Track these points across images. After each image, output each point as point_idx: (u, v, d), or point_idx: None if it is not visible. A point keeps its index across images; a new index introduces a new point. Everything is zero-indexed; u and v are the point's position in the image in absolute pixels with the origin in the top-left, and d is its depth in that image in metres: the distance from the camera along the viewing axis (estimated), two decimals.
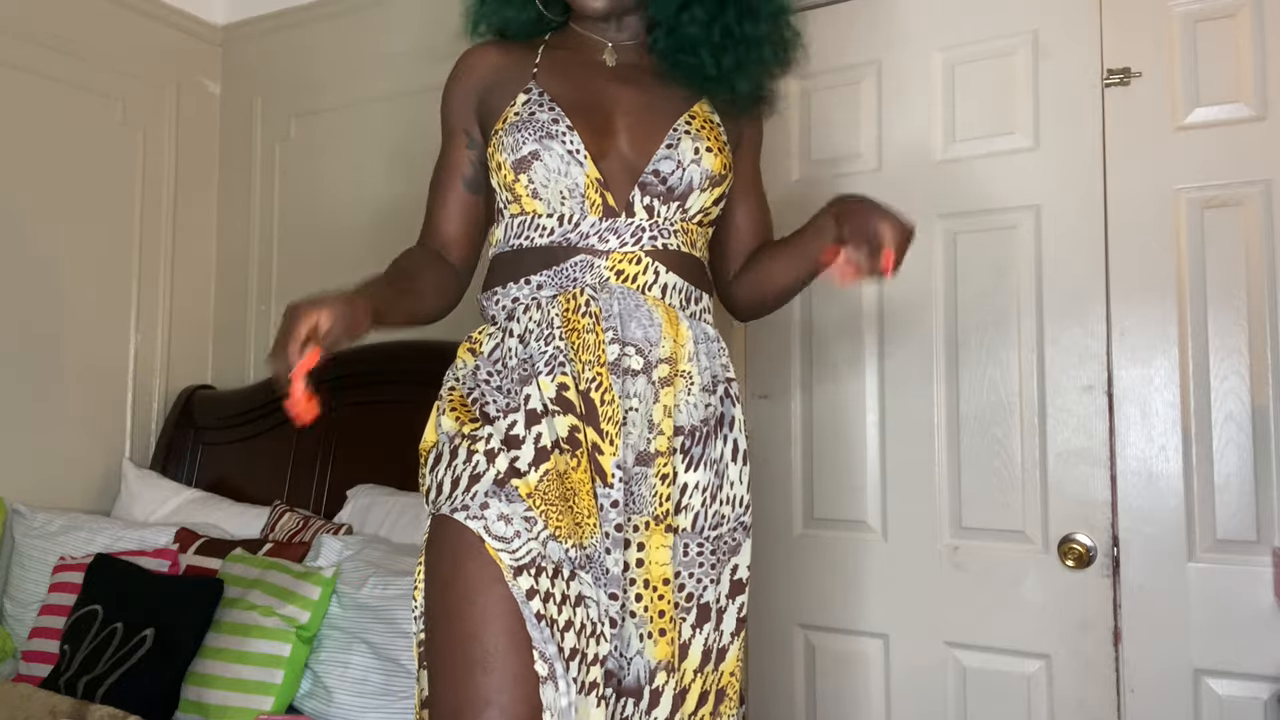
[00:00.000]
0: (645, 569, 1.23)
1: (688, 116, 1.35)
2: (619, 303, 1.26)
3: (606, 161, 1.30)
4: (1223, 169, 1.76)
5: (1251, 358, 1.73)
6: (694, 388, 1.29)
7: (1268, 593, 1.67)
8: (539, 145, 1.28)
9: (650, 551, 1.23)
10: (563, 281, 1.28)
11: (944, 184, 1.99)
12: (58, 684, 1.95)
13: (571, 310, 1.26)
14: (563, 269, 1.28)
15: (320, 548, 2.05)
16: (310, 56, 2.83)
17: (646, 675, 1.21)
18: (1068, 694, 1.82)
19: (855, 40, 2.09)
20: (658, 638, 1.22)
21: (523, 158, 1.29)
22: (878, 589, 2.01)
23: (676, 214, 1.32)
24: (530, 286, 1.30)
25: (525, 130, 1.29)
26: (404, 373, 2.36)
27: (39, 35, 2.56)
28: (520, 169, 1.29)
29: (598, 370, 1.24)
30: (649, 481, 1.24)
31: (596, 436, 1.22)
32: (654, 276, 1.29)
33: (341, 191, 2.74)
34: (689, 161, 1.31)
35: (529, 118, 1.30)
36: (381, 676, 1.84)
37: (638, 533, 1.23)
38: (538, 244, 1.30)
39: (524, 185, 1.30)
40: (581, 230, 1.28)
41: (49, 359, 2.56)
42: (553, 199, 1.29)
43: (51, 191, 2.58)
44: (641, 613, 1.22)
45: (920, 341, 2.00)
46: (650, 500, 1.24)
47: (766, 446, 2.16)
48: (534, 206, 1.31)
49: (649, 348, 1.26)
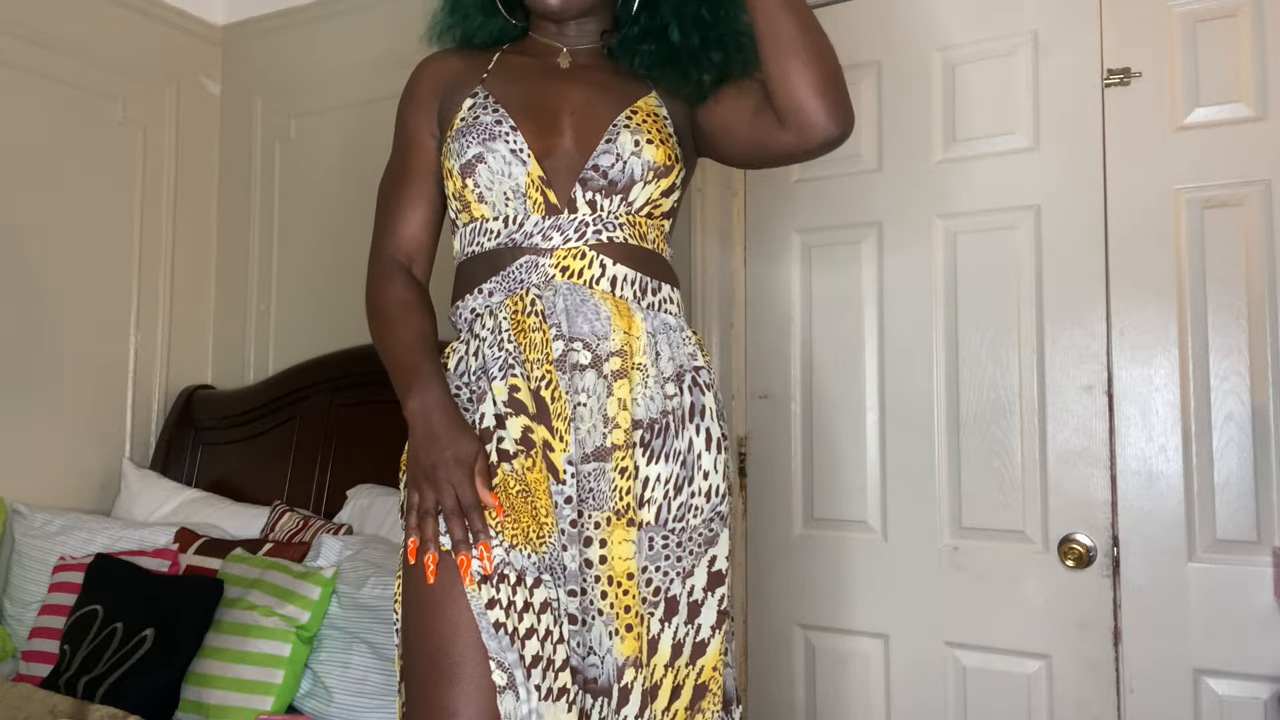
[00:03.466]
0: (608, 565, 1.22)
1: (629, 111, 1.33)
2: (564, 299, 1.26)
3: (551, 159, 1.30)
4: (1222, 169, 1.76)
5: (1251, 358, 1.73)
6: (650, 380, 1.28)
7: (1268, 593, 1.67)
8: (482, 148, 1.29)
9: (613, 547, 1.22)
10: (510, 285, 1.29)
11: (944, 184, 1.99)
12: (58, 684, 1.94)
13: (519, 311, 1.27)
14: (509, 272, 1.29)
15: (320, 548, 2.05)
16: (310, 56, 2.83)
17: (613, 674, 1.21)
18: (1068, 694, 1.82)
19: (855, 40, 2.09)
20: (624, 634, 1.21)
21: (467, 162, 1.29)
22: (878, 589, 2.01)
23: (620, 207, 1.31)
24: (483, 295, 1.30)
25: (470, 135, 1.30)
26: None
27: (39, 35, 2.56)
28: (466, 173, 1.30)
29: (546, 368, 1.24)
30: (606, 476, 1.23)
31: (548, 434, 1.23)
32: (600, 270, 1.28)
33: (341, 191, 2.74)
34: (629, 154, 1.30)
35: (474, 122, 1.31)
36: (381, 676, 1.85)
37: (598, 529, 1.22)
38: (486, 249, 1.31)
39: (471, 190, 1.30)
40: (525, 230, 1.29)
41: (49, 359, 2.56)
42: (497, 201, 1.30)
43: (51, 191, 2.58)
44: (608, 610, 1.21)
45: (920, 341, 2.00)
46: (610, 495, 1.23)
47: (766, 446, 2.16)
48: (481, 211, 1.31)
49: (597, 341, 1.25)
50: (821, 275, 2.12)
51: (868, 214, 2.07)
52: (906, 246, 2.02)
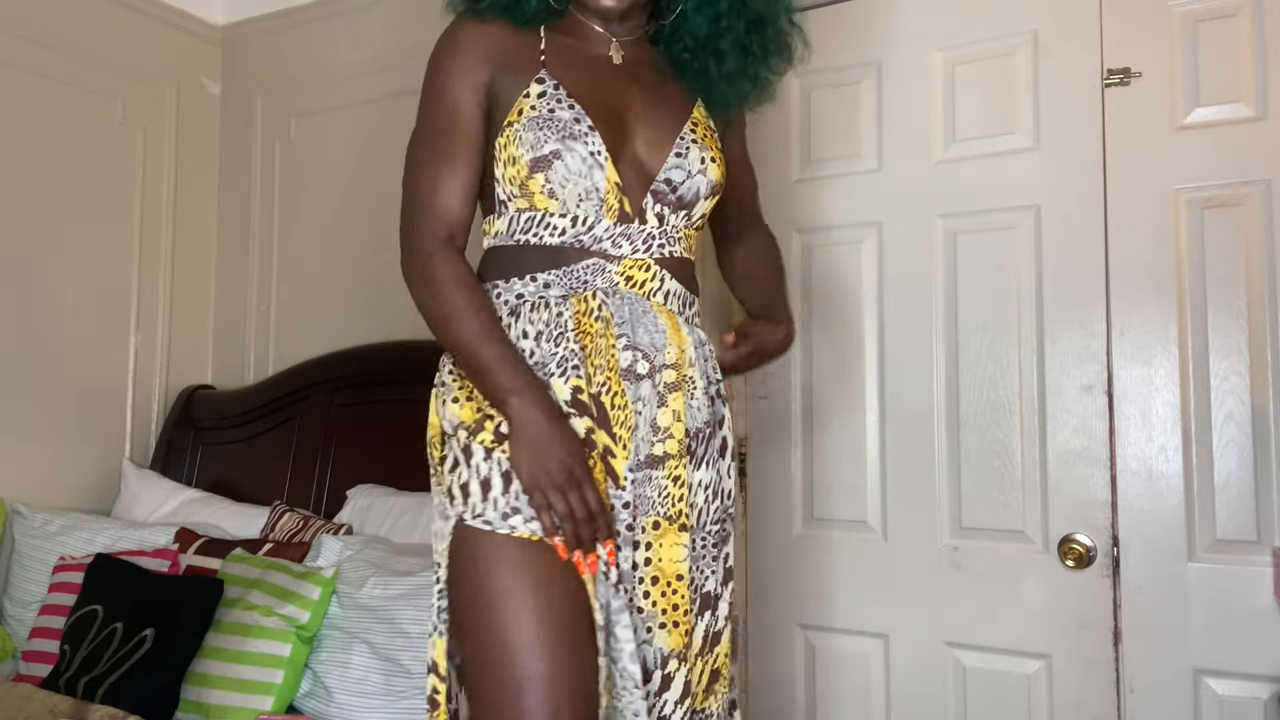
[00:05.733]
0: (654, 567, 1.25)
1: (691, 123, 1.36)
2: (629, 308, 1.27)
3: (623, 165, 1.29)
4: (1223, 169, 1.76)
5: (1251, 358, 1.73)
6: (697, 392, 1.32)
7: (1268, 593, 1.67)
8: (561, 145, 1.25)
9: (663, 550, 1.26)
10: (572, 283, 1.27)
11: (944, 184, 1.99)
12: (58, 684, 1.94)
13: (583, 313, 1.26)
14: (572, 270, 1.27)
15: (320, 548, 2.05)
16: (310, 56, 2.83)
17: (658, 660, 1.25)
18: (1068, 694, 1.82)
19: (855, 40, 2.09)
20: (671, 629, 1.25)
21: (543, 157, 1.25)
22: (878, 589, 2.01)
23: (682, 222, 1.34)
24: (536, 284, 1.28)
25: (547, 129, 1.26)
26: (404, 373, 2.36)
27: (39, 35, 2.56)
28: (538, 168, 1.26)
29: (608, 374, 1.25)
30: (655, 483, 1.26)
31: (609, 440, 1.24)
32: (659, 284, 1.31)
33: (341, 191, 2.74)
34: (696, 171, 1.33)
35: (549, 115, 1.26)
36: (381, 676, 1.85)
37: (644, 534, 1.25)
38: (546, 242, 1.28)
39: (539, 183, 1.26)
40: (595, 234, 1.27)
41: (49, 359, 2.56)
42: (569, 200, 1.27)
43: (51, 191, 2.58)
44: (650, 608, 1.25)
45: (920, 341, 2.00)
46: (659, 501, 1.26)
47: (766, 446, 2.16)
48: (546, 205, 1.28)
49: (655, 353, 1.28)
50: (821, 275, 2.12)
51: (868, 214, 2.07)
52: (906, 246, 2.02)
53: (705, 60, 1.37)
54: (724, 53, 1.36)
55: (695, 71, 1.38)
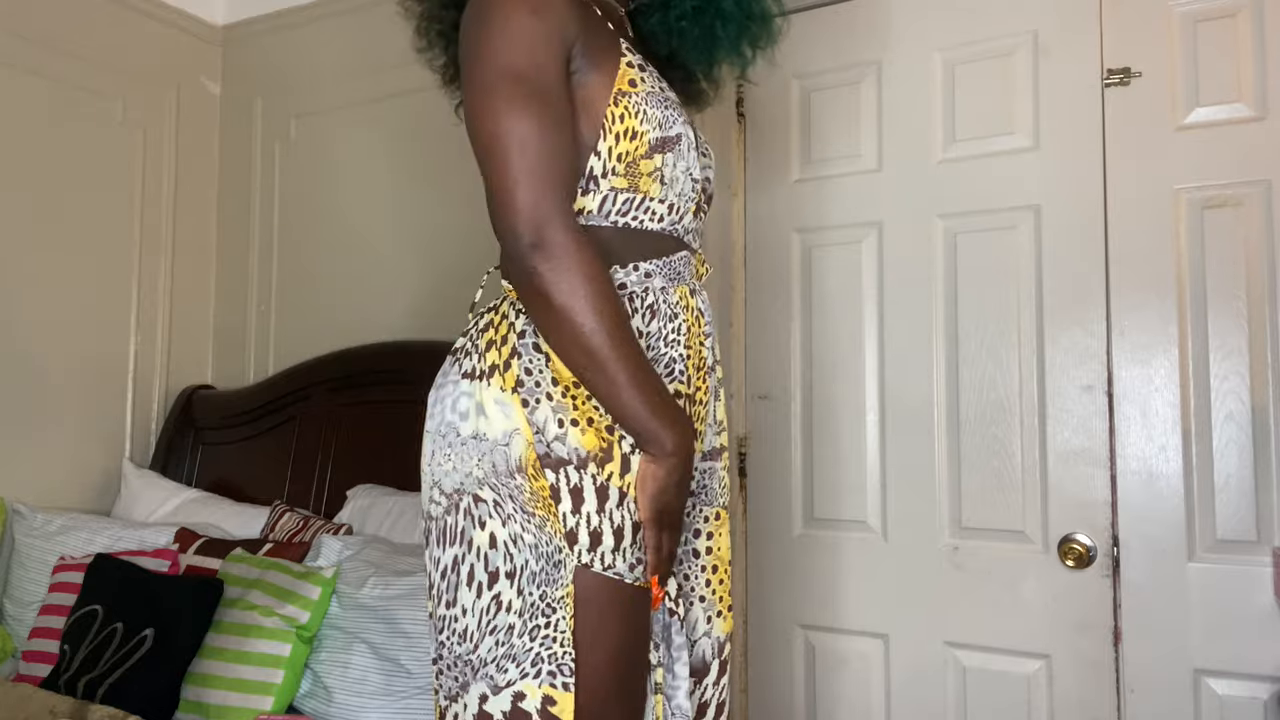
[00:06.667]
0: (714, 556, 1.28)
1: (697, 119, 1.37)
2: (703, 303, 1.26)
3: None
4: (1223, 169, 1.76)
5: (1251, 358, 1.73)
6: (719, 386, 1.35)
7: (1268, 593, 1.67)
8: (684, 129, 1.17)
9: (721, 539, 1.29)
10: (672, 275, 1.19)
11: (944, 184, 1.99)
12: (58, 684, 1.94)
13: (688, 310, 1.20)
14: (671, 262, 1.19)
15: (320, 548, 2.05)
16: (310, 56, 2.83)
17: (715, 649, 1.27)
18: (1068, 694, 1.82)
19: (855, 40, 2.09)
20: (726, 614, 1.29)
21: (670, 137, 1.15)
22: (878, 589, 2.01)
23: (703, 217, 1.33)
24: (639, 273, 1.16)
25: (672, 109, 1.16)
26: (404, 373, 2.36)
27: (39, 35, 2.56)
28: (661, 148, 1.14)
29: (701, 372, 1.25)
30: (717, 474, 1.29)
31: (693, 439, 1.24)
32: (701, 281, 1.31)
33: (341, 191, 2.74)
34: (711, 170, 1.32)
35: (663, 94, 1.17)
36: (381, 676, 1.84)
37: (707, 523, 1.28)
38: (646, 227, 1.17)
39: (654, 164, 1.15)
40: (685, 225, 1.22)
41: (49, 359, 2.56)
42: (672, 186, 1.17)
43: (52, 191, 2.58)
44: (710, 596, 1.27)
45: (920, 341, 2.00)
46: (720, 492, 1.29)
47: (766, 446, 2.16)
48: (649, 188, 1.16)
49: (714, 345, 1.29)
50: (821, 275, 2.12)
51: (868, 214, 2.07)
52: (906, 246, 2.02)
53: (710, 22, 1.33)
54: (727, 12, 1.33)
55: (696, 38, 1.34)
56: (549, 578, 1.07)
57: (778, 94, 2.18)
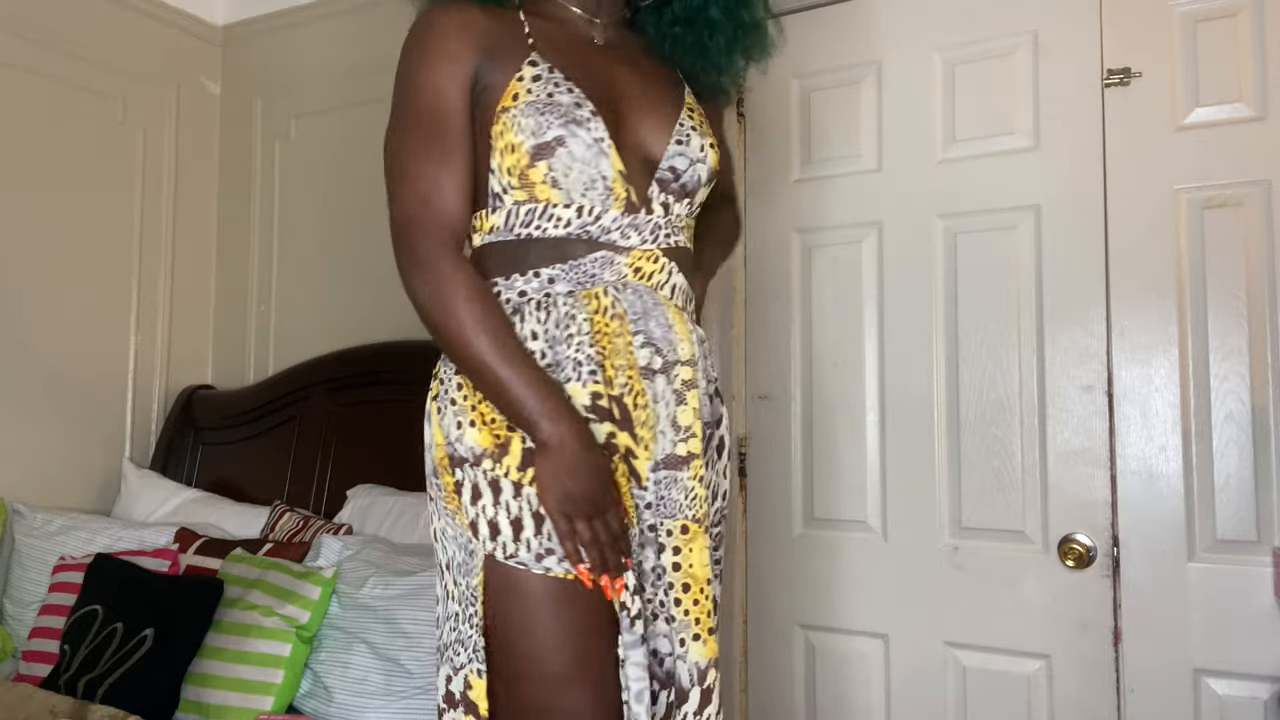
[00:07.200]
0: (683, 573, 1.21)
1: (688, 109, 1.33)
2: (640, 302, 1.22)
3: (626, 153, 1.24)
4: (1223, 169, 1.76)
5: (1251, 358, 1.73)
6: (702, 390, 1.29)
7: (1268, 593, 1.67)
8: (564, 131, 1.19)
9: (693, 555, 1.22)
10: (580, 278, 1.21)
11: (944, 184, 1.99)
12: (58, 684, 1.95)
13: (597, 311, 1.21)
14: (580, 264, 1.21)
15: (320, 548, 2.05)
16: (310, 56, 2.83)
17: (695, 676, 1.21)
18: (1068, 694, 1.82)
19: (855, 40, 2.09)
20: (706, 637, 1.22)
21: (545, 144, 1.19)
22: (878, 589, 2.01)
23: (685, 210, 1.30)
24: (540, 280, 1.21)
25: (550, 114, 1.19)
26: (404, 373, 2.36)
27: (39, 35, 2.56)
28: (540, 155, 1.19)
29: (629, 374, 1.21)
30: (681, 484, 1.22)
31: (630, 441, 1.20)
32: (667, 276, 1.26)
33: (341, 191, 2.74)
34: (697, 159, 1.29)
35: (548, 99, 1.20)
36: (381, 676, 1.84)
37: (672, 537, 1.21)
38: (550, 235, 1.21)
39: (541, 172, 1.20)
40: (603, 224, 1.22)
41: (49, 359, 2.56)
42: (573, 189, 1.21)
43: (52, 191, 2.58)
44: (682, 616, 1.21)
45: (920, 341, 2.00)
46: (686, 504, 1.22)
47: (766, 446, 2.16)
48: (548, 195, 1.21)
49: (668, 348, 1.23)
50: (821, 275, 2.12)
51: (868, 214, 2.07)
52: (906, 246, 2.02)
53: (700, 32, 1.33)
54: (716, 22, 1.33)
55: (688, 45, 1.35)
56: (468, 568, 1.18)
57: (778, 94, 2.18)
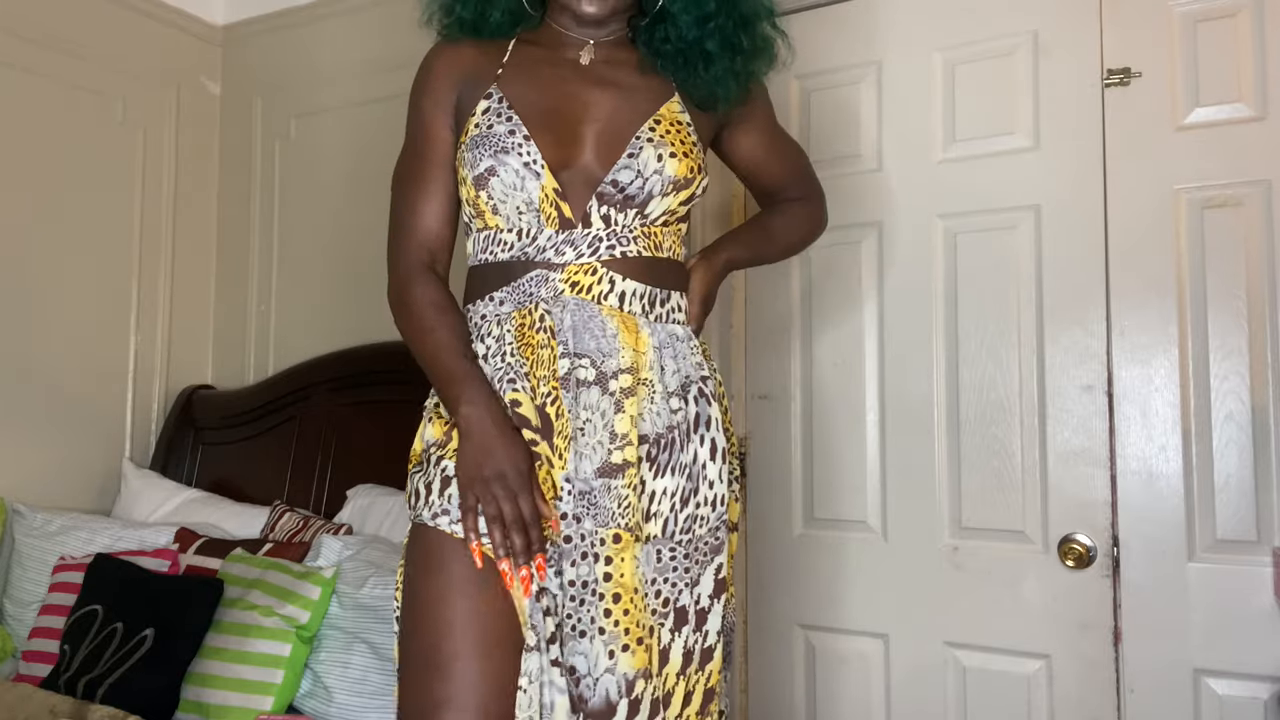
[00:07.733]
0: (615, 583, 1.21)
1: (653, 121, 1.31)
2: (572, 315, 1.26)
3: (569, 172, 1.28)
4: (1223, 169, 1.76)
5: (1251, 358, 1.73)
6: (656, 395, 1.27)
7: (1268, 593, 1.67)
8: (494, 161, 1.27)
9: (624, 564, 1.21)
10: (520, 298, 1.28)
11: (944, 184, 1.99)
12: (58, 684, 1.95)
13: (526, 326, 1.27)
14: (519, 284, 1.28)
15: (320, 548, 2.05)
16: (310, 56, 2.83)
17: (623, 688, 1.19)
18: (1068, 694, 1.82)
19: (855, 40, 2.09)
20: (634, 647, 1.21)
21: (480, 174, 1.28)
22: (878, 589, 2.01)
23: (635, 220, 1.30)
24: (493, 303, 1.30)
25: (483, 146, 1.28)
26: (404, 373, 2.35)
27: (39, 35, 2.56)
28: (479, 185, 1.28)
29: (552, 384, 1.24)
30: (615, 493, 1.22)
31: (548, 450, 1.23)
32: (609, 285, 1.28)
33: (341, 191, 2.74)
34: (650, 171, 1.28)
35: (487, 132, 1.29)
36: (381, 676, 1.85)
37: (604, 546, 1.21)
38: (499, 259, 1.30)
39: (485, 200, 1.29)
40: (539, 244, 1.28)
41: (49, 359, 2.56)
42: (510, 213, 1.29)
43: (52, 191, 2.58)
44: (612, 628, 1.20)
45: (920, 341, 2.00)
46: (620, 512, 1.22)
47: (766, 446, 2.16)
48: (495, 221, 1.30)
49: (602, 358, 1.25)
50: (821, 275, 2.12)
51: (868, 214, 2.07)
52: (906, 246, 2.02)
53: (694, 61, 1.35)
54: (712, 55, 1.34)
55: (680, 67, 1.36)
56: None
57: (778, 94, 2.17)
